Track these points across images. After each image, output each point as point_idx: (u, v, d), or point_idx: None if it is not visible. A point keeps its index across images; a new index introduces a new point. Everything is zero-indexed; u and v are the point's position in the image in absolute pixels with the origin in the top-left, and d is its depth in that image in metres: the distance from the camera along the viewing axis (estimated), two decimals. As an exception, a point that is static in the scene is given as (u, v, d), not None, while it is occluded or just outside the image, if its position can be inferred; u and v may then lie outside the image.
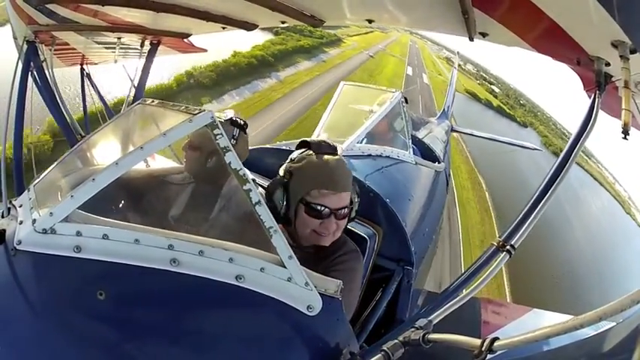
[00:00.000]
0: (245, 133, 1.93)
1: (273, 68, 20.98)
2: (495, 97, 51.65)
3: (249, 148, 2.00)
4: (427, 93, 33.14)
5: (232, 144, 1.59)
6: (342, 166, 1.47)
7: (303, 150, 1.51)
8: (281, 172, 1.49)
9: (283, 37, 26.37)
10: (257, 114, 14.88)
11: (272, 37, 24.35)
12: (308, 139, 1.53)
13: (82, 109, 4.13)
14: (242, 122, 1.91)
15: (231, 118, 1.89)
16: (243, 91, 16.54)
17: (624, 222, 39.32)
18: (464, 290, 1.76)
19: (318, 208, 1.40)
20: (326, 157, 1.46)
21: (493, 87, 60.54)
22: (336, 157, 1.49)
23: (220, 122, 1.11)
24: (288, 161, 1.51)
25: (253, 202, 1.07)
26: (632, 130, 1.38)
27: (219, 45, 14.98)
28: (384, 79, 31.06)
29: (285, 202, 1.43)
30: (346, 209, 1.45)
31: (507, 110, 47.82)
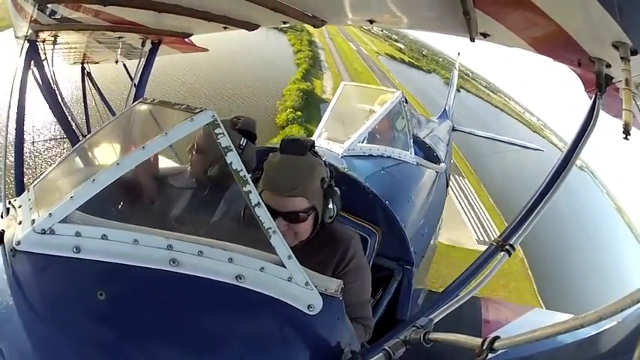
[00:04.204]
0: (253, 143, 1.80)
1: (319, 60, 30.32)
2: (403, 53, 58.13)
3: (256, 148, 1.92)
4: (372, 63, 38.50)
5: (238, 153, 1.57)
6: (290, 168, 1.39)
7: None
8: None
9: (294, 35, 31.89)
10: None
11: (288, 36, 31.47)
12: (285, 138, 1.48)
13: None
14: (250, 132, 1.78)
15: (239, 126, 1.75)
16: (325, 71, 27.50)
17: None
18: (464, 289, 1.76)
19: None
20: (280, 157, 1.42)
21: (399, 44, 65.50)
22: (292, 157, 1.41)
23: (228, 129, 1.09)
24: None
25: (253, 204, 1.07)
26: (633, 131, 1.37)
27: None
28: (354, 60, 36.60)
29: None
30: (300, 214, 1.37)
31: (415, 62, 55.98)
